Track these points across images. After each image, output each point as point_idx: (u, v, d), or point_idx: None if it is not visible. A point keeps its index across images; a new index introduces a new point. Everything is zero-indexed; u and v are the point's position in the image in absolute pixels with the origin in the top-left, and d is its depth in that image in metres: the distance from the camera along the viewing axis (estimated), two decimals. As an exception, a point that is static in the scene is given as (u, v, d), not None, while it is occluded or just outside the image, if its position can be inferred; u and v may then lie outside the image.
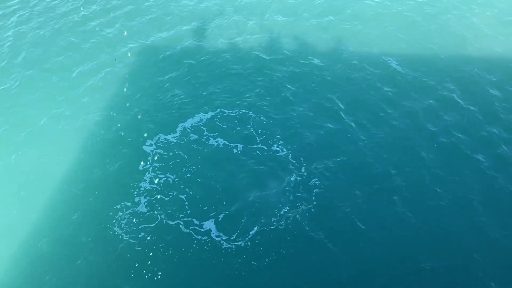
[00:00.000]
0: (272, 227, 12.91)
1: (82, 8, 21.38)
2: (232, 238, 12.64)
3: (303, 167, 14.62)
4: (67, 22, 20.60)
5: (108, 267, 11.89)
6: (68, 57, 18.72)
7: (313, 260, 12.17)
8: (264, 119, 16.23)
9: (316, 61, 18.84)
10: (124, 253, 12.19)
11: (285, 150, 15.16)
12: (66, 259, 12.05)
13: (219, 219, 13.11)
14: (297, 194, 13.79)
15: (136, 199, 13.54)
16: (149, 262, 11.96)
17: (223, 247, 12.42)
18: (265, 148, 15.21)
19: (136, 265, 11.90)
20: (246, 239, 12.61)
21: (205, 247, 12.38)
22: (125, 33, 19.42)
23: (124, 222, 12.96)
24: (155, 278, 11.66)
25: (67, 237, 12.55)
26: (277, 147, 15.27)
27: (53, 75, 17.83)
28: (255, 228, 12.87)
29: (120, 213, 13.14)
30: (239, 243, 12.50)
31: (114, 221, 12.95)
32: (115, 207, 13.28)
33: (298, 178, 14.26)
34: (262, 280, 11.72)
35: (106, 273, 11.77)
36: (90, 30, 20.18)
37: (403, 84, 17.86)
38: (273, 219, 13.14)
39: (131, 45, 19.43)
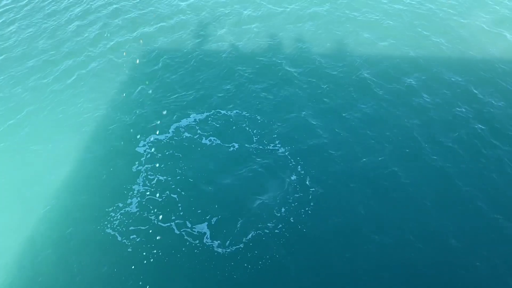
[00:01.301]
0: (266, 230, 12.62)
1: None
2: (224, 240, 12.39)
3: (299, 166, 14.30)
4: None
5: (100, 268, 11.78)
6: (64, 54, 18.79)
7: (308, 263, 11.86)
8: (259, 119, 15.94)
9: (314, 61, 18.48)
10: (116, 254, 12.07)
11: (281, 150, 14.85)
12: (58, 260, 11.99)
13: (212, 221, 12.88)
14: (293, 195, 13.48)
15: (129, 200, 13.42)
16: (140, 264, 11.81)
17: (215, 249, 12.18)
18: (261, 148, 14.93)
19: (127, 266, 11.77)
20: (239, 241, 12.35)
21: (196, 250, 12.15)
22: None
23: (116, 223, 12.84)
24: (147, 279, 11.50)
25: (60, 238, 12.50)
26: (273, 146, 14.98)
27: (48, 75, 17.90)
28: (249, 231, 12.60)
29: (113, 214, 13.03)
30: (232, 246, 12.25)
31: (106, 222, 12.84)
32: (107, 209, 13.18)
33: (294, 178, 13.94)
34: (256, 284, 11.45)
35: (98, 274, 11.66)
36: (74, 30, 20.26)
37: (405, 85, 17.38)
38: (267, 220, 12.85)
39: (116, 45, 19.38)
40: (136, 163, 14.45)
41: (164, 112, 15.68)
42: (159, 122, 15.82)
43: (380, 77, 17.65)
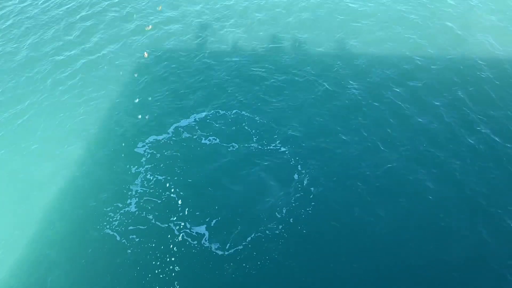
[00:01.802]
0: (266, 231, 12.56)
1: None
2: (223, 240, 12.35)
3: (300, 166, 14.22)
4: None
5: (98, 267, 11.80)
6: (63, 56, 18.83)
7: (308, 263, 11.78)
8: (258, 118, 15.86)
9: (313, 61, 18.38)
10: (115, 254, 12.08)
11: (281, 149, 14.78)
12: (55, 259, 12.03)
13: (212, 222, 12.84)
14: (293, 195, 13.41)
15: (128, 201, 13.41)
16: (138, 264, 11.81)
17: (214, 250, 12.15)
18: (261, 148, 14.86)
19: (125, 266, 11.78)
20: (238, 242, 12.30)
21: (194, 250, 12.12)
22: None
23: (116, 223, 12.84)
24: (145, 279, 11.49)
25: (58, 237, 12.53)
26: (273, 146, 14.90)
27: (46, 76, 17.92)
28: (248, 231, 12.55)
29: (112, 214, 13.04)
30: (231, 246, 12.21)
31: (105, 222, 12.85)
32: (106, 209, 13.18)
33: (295, 178, 13.86)
34: (255, 284, 11.40)
35: (96, 273, 11.68)
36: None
37: (404, 84, 17.29)
38: (267, 221, 12.79)
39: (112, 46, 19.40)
40: (136, 163, 14.43)
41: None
42: (159, 122, 15.78)
43: (384, 78, 17.51)
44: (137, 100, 16.25)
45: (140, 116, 15.71)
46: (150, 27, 17.77)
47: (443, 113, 15.94)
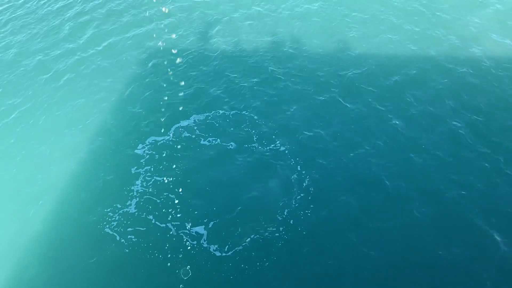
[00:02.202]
0: (265, 232, 12.49)
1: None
2: (222, 241, 12.31)
3: (299, 166, 14.15)
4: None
5: (98, 267, 11.82)
6: (60, 55, 18.93)
7: (308, 264, 11.69)
8: (258, 118, 15.83)
9: (312, 59, 18.35)
10: (114, 254, 12.10)
11: (281, 149, 14.72)
12: (55, 258, 12.09)
13: (210, 222, 12.81)
14: (293, 196, 13.33)
15: (128, 201, 13.43)
16: (136, 264, 11.81)
17: (212, 251, 12.11)
18: (260, 148, 14.82)
19: (124, 266, 11.78)
20: (237, 242, 12.25)
21: (193, 251, 12.09)
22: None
23: (115, 223, 12.86)
24: (145, 279, 11.49)
25: (57, 237, 12.58)
26: (273, 146, 14.85)
27: (45, 75, 18.05)
28: (247, 232, 12.49)
29: (111, 214, 13.07)
30: (229, 247, 12.16)
31: (105, 222, 12.88)
32: (106, 209, 13.22)
33: (294, 178, 13.79)
34: (253, 285, 11.33)
35: (96, 273, 11.69)
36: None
37: (400, 84, 17.18)
38: (266, 222, 12.72)
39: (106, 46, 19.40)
40: (135, 164, 14.45)
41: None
42: (158, 123, 15.80)
43: (373, 75, 17.46)
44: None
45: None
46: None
47: (430, 111, 15.85)
